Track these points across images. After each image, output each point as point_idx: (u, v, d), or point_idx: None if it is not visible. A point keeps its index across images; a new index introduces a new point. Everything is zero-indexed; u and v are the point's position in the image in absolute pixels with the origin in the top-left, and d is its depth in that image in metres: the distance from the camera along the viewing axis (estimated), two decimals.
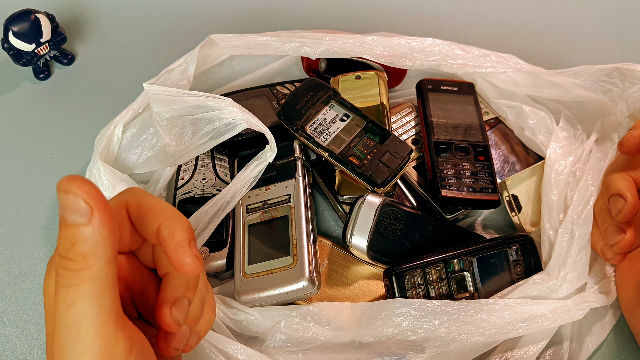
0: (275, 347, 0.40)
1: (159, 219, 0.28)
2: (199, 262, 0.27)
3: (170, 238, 0.27)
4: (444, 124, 0.50)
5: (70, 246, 0.23)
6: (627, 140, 0.41)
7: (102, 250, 0.23)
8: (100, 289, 0.24)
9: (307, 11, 0.68)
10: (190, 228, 0.28)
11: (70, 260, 0.23)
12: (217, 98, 0.46)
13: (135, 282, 0.30)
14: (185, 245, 0.27)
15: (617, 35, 0.65)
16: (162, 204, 0.28)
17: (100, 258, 0.23)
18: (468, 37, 0.64)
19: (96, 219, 0.23)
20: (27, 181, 0.55)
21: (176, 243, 0.27)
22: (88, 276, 0.23)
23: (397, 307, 0.39)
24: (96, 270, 0.23)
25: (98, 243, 0.23)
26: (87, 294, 0.23)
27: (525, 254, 0.43)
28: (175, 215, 0.28)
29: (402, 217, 0.44)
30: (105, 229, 0.23)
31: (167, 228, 0.27)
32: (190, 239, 0.27)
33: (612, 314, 0.43)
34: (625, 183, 0.40)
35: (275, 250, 0.43)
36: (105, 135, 0.48)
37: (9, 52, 0.59)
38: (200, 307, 0.30)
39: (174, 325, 0.28)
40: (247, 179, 0.46)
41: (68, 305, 0.23)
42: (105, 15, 0.70)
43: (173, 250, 0.27)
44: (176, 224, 0.27)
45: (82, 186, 0.23)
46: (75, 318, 0.23)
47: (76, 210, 0.23)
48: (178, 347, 0.29)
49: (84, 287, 0.23)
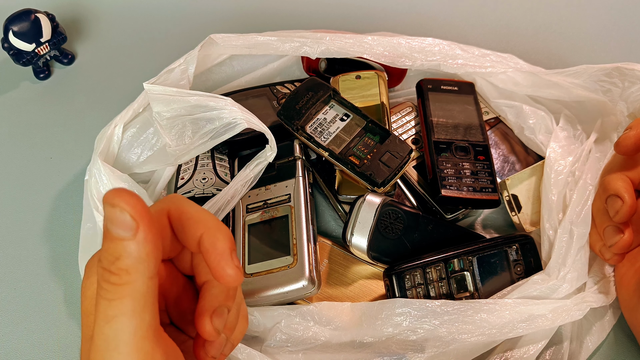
0: (275, 347, 0.40)
1: (200, 228, 0.27)
2: (240, 272, 0.27)
3: (212, 248, 0.27)
4: (444, 123, 0.50)
5: (114, 260, 0.23)
6: (623, 140, 0.41)
7: (145, 265, 0.23)
8: (142, 304, 0.24)
9: (307, 11, 0.68)
10: (231, 238, 0.28)
11: (113, 274, 0.23)
12: (217, 98, 0.46)
13: (171, 290, 0.30)
14: (227, 256, 0.27)
15: (617, 35, 0.65)
16: (204, 213, 0.28)
17: (143, 273, 0.23)
18: (468, 37, 0.64)
19: (141, 234, 0.23)
20: (27, 181, 0.55)
21: (218, 253, 0.27)
22: (130, 291, 0.23)
23: (397, 306, 0.40)
24: (138, 285, 0.23)
25: (142, 258, 0.23)
26: (129, 308, 0.23)
27: (525, 253, 0.43)
28: (216, 225, 0.28)
29: (402, 216, 0.44)
30: (149, 244, 0.23)
31: (209, 238, 0.27)
32: (232, 249, 0.27)
33: (612, 314, 0.43)
34: (623, 183, 0.40)
35: (275, 249, 0.43)
36: (106, 135, 0.48)
37: (9, 52, 0.59)
38: (237, 315, 0.30)
39: (214, 334, 0.28)
40: (247, 179, 0.46)
41: (109, 318, 0.23)
42: (105, 15, 0.70)
43: (215, 260, 0.27)
44: (218, 233, 0.27)
45: (129, 200, 0.23)
46: (115, 331, 0.23)
47: (122, 224, 0.23)
48: (216, 355, 0.29)
49: (125, 301, 0.23)
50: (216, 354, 0.29)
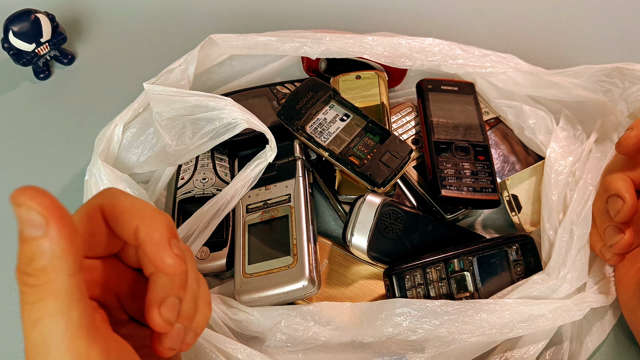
0: (275, 347, 0.40)
1: (135, 220, 0.26)
2: (181, 260, 0.26)
3: (149, 239, 0.26)
4: (444, 123, 0.50)
5: (29, 261, 0.22)
6: (624, 140, 0.41)
7: (63, 262, 0.22)
8: (66, 302, 0.22)
9: (307, 11, 0.68)
10: (170, 225, 0.27)
11: (30, 276, 0.22)
12: (217, 98, 0.46)
13: (121, 286, 0.30)
14: (165, 245, 0.26)
15: (617, 35, 0.65)
16: (139, 204, 0.27)
17: (62, 271, 0.22)
18: (468, 37, 0.64)
19: (53, 230, 0.22)
20: (27, 181, 0.55)
21: (155, 244, 0.26)
22: (51, 291, 0.22)
23: (397, 307, 0.40)
24: (59, 284, 0.22)
25: (58, 255, 0.22)
26: (52, 309, 0.22)
27: (525, 253, 0.43)
28: (152, 214, 0.26)
29: (402, 216, 0.44)
30: (64, 240, 0.22)
31: (144, 228, 0.26)
32: (170, 237, 0.26)
33: (612, 314, 0.43)
34: (623, 183, 0.40)
35: (275, 250, 0.43)
36: (106, 135, 0.48)
37: (9, 52, 0.59)
38: (193, 304, 0.29)
39: (165, 325, 0.27)
40: (247, 179, 0.46)
41: (34, 322, 0.22)
42: (106, 15, 0.70)
43: (152, 251, 0.26)
44: (153, 223, 0.26)
45: (34, 197, 0.21)
46: (42, 335, 0.22)
47: (30, 223, 0.22)
48: (173, 346, 0.28)
49: (48, 302, 0.22)
50: (174, 345, 0.28)
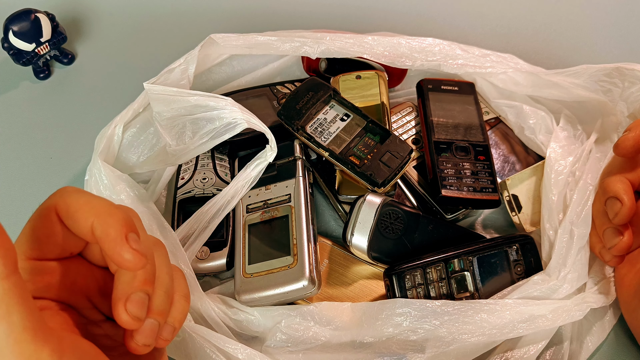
0: (275, 347, 0.40)
1: (90, 217, 0.26)
2: (140, 255, 0.25)
3: (105, 235, 0.25)
4: (444, 123, 0.50)
5: None
6: (622, 142, 0.41)
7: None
8: (3, 307, 0.22)
9: (307, 11, 0.68)
10: (126, 220, 0.26)
11: None
12: (217, 98, 0.46)
13: (89, 285, 0.29)
14: (121, 241, 0.25)
15: (617, 35, 0.65)
16: (94, 200, 0.26)
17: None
18: (468, 37, 0.64)
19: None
20: (27, 181, 0.55)
21: (111, 240, 0.25)
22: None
23: (398, 307, 0.39)
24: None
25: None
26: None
27: (526, 253, 0.43)
28: (107, 210, 0.26)
29: (402, 216, 0.44)
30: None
31: (100, 225, 0.25)
32: (127, 232, 0.26)
33: (612, 314, 0.43)
34: (622, 185, 0.40)
35: (275, 250, 0.43)
36: (106, 135, 0.48)
37: (9, 52, 0.59)
38: (166, 297, 0.29)
39: (133, 321, 0.26)
40: (248, 179, 0.46)
41: None
42: (106, 14, 0.69)
43: (109, 248, 0.25)
44: (108, 219, 0.25)
45: None
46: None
47: None
48: (147, 342, 0.27)
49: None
50: (147, 341, 0.27)
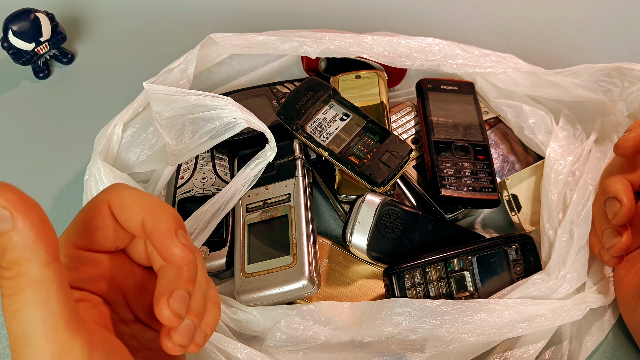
0: (275, 347, 0.40)
1: (141, 212, 0.26)
2: (189, 250, 0.26)
3: (155, 229, 0.26)
4: (443, 123, 0.50)
5: (2, 254, 0.22)
6: (622, 143, 0.41)
7: (35, 252, 0.22)
8: (42, 293, 0.23)
9: (307, 11, 0.68)
10: (176, 216, 0.27)
11: (5, 269, 0.22)
12: (217, 97, 0.46)
13: (127, 282, 0.29)
14: (172, 235, 0.26)
15: (617, 35, 0.65)
16: (145, 197, 0.27)
17: (35, 261, 0.22)
18: (468, 37, 0.64)
19: (19, 222, 0.22)
20: (27, 181, 0.55)
21: (161, 234, 0.26)
22: (25, 282, 0.22)
23: (397, 306, 0.40)
24: (33, 274, 0.22)
25: (28, 246, 0.22)
26: (29, 300, 0.22)
27: (525, 253, 0.43)
28: (158, 206, 0.27)
29: (402, 216, 0.44)
30: (32, 230, 0.22)
31: (151, 219, 0.26)
32: (177, 228, 0.26)
33: (611, 314, 0.43)
34: (622, 186, 0.40)
35: (275, 249, 0.43)
36: (105, 135, 0.48)
37: (9, 51, 0.59)
38: (203, 301, 0.29)
39: (174, 318, 0.26)
40: (247, 178, 0.46)
41: (12, 314, 0.23)
42: (105, 14, 0.69)
43: (159, 242, 0.26)
44: (160, 214, 0.26)
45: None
46: (22, 327, 0.23)
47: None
48: (183, 343, 0.27)
49: (24, 294, 0.22)
50: (183, 341, 0.27)
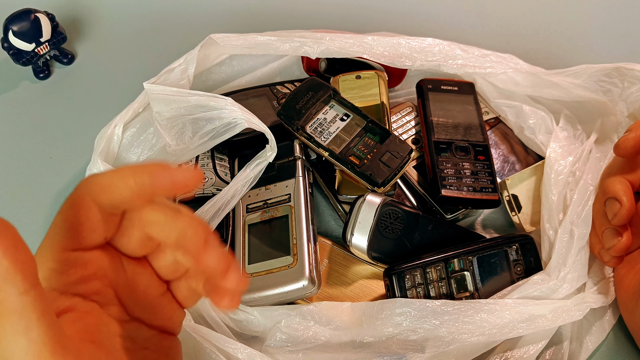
0: (275, 347, 0.40)
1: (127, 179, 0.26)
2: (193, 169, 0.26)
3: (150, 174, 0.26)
4: (444, 123, 0.50)
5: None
6: (623, 143, 0.41)
7: (9, 282, 0.21)
8: (23, 323, 0.21)
9: (307, 11, 0.68)
10: (157, 163, 0.27)
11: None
12: (217, 97, 0.46)
13: (118, 278, 0.29)
14: (167, 169, 0.26)
15: (617, 35, 0.65)
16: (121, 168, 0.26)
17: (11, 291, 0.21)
18: (468, 37, 0.64)
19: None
20: (27, 181, 0.55)
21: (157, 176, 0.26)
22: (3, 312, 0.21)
23: (398, 306, 0.39)
24: (10, 304, 0.21)
25: (2, 276, 0.21)
26: (8, 331, 0.21)
27: (525, 253, 0.43)
28: (139, 166, 0.26)
29: (402, 216, 0.44)
30: (6, 258, 0.21)
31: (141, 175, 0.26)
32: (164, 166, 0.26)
33: (611, 314, 0.43)
34: (622, 186, 0.40)
35: (275, 249, 0.43)
36: (106, 135, 0.48)
37: (9, 52, 0.59)
38: None
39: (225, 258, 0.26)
40: (247, 179, 0.46)
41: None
42: (105, 14, 0.69)
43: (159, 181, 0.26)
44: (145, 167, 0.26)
45: None
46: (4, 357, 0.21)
47: None
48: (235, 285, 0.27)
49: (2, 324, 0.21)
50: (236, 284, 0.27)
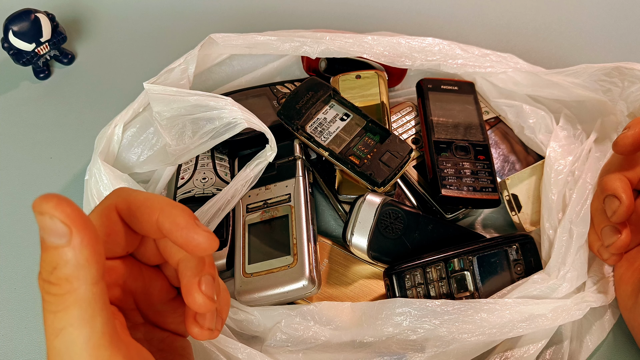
0: (275, 347, 0.40)
1: (154, 213, 0.27)
2: (213, 236, 0.26)
3: (175, 226, 0.26)
4: (444, 123, 0.50)
5: (52, 269, 0.22)
6: (621, 140, 0.41)
7: (86, 271, 0.22)
8: (89, 311, 0.23)
9: (307, 11, 0.69)
10: (189, 210, 0.27)
11: (53, 285, 0.22)
12: (217, 97, 0.46)
13: (136, 285, 0.30)
14: (193, 226, 0.26)
15: (617, 35, 0.65)
16: (153, 198, 0.28)
17: (86, 279, 0.22)
18: (468, 36, 0.64)
19: (76, 239, 0.22)
20: (27, 181, 0.55)
21: (182, 228, 0.26)
22: (74, 300, 0.22)
23: (398, 306, 0.40)
24: (82, 292, 0.22)
25: (81, 264, 0.22)
26: (76, 318, 0.22)
27: (525, 253, 0.43)
28: (169, 204, 0.27)
29: (402, 216, 0.44)
30: (87, 248, 0.22)
31: (167, 217, 0.26)
32: (195, 219, 0.27)
33: (611, 313, 0.43)
34: (620, 184, 0.40)
35: (275, 249, 0.43)
36: (106, 135, 0.48)
37: (9, 52, 0.59)
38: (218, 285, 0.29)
39: (209, 302, 0.27)
40: (248, 179, 0.46)
41: (57, 331, 0.23)
42: (105, 14, 0.70)
43: (182, 236, 0.26)
44: (174, 210, 0.26)
45: (58, 206, 0.21)
46: (66, 344, 0.23)
47: (54, 231, 0.22)
48: (212, 326, 0.28)
49: (71, 311, 0.22)
50: (212, 325, 0.28)
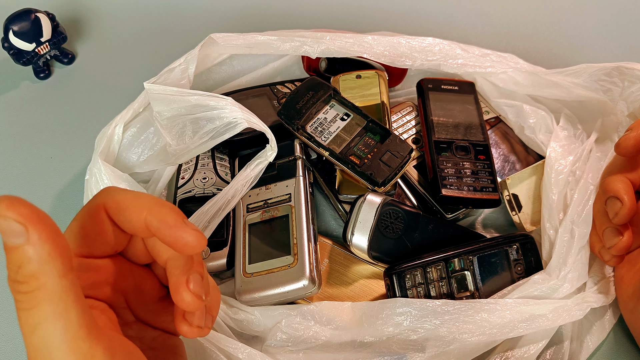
0: (276, 347, 0.40)
1: (142, 212, 0.27)
2: (201, 234, 0.26)
3: (163, 225, 0.26)
4: (444, 123, 0.50)
5: (18, 269, 0.22)
6: (623, 142, 0.41)
7: (51, 265, 0.22)
8: (62, 305, 0.23)
9: (308, 11, 0.69)
10: (177, 208, 0.27)
11: (22, 283, 0.22)
12: (217, 97, 0.46)
13: (127, 284, 0.30)
14: (182, 225, 0.26)
15: (617, 34, 0.65)
16: (141, 197, 0.28)
17: (52, 273, 0.22)
18: (468, 36, 0.64)
19: (34, 235, 0.22)
20: (27, 181, 0.55)
21: (170, 227, 0.26)
22: (44, 295, 0.22)
23: (398, 306, 0.40)
24: (51, 286, 0.23)
25: (44, 259, 0.22)
26: (49, 313, 0.23)
27: (526, 253, 0.43)
28: (157, 203, 0.27)
29: (402, 216, 0.44)
30: (47, 243, 0.22)
31: (155, 217, 0.26)
32: (183, 217, 0.27)
33: (611, 314, 0.43)
34: (622, 185, 0.40)
35: (275, 249, 0.43)
36: (106, 135, 0.48)
37: (9, 52, 0.59)
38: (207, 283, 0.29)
39: (197, 300, 0.27)
40: (248, 178, 0.46)
41: (32, 328, 0.23)
42: (106, 14, 0.70)
43: (170, 234, 0.26)
44: (161, 209, 0.27)
45: (10, 206, 0.22)
46: (43, 340, 0.23)
47: (11, 232, 0.22)
48: (201, 324, 0.28)
49: (43, 307, 0.23)
50: (201, 323, 0.28)
